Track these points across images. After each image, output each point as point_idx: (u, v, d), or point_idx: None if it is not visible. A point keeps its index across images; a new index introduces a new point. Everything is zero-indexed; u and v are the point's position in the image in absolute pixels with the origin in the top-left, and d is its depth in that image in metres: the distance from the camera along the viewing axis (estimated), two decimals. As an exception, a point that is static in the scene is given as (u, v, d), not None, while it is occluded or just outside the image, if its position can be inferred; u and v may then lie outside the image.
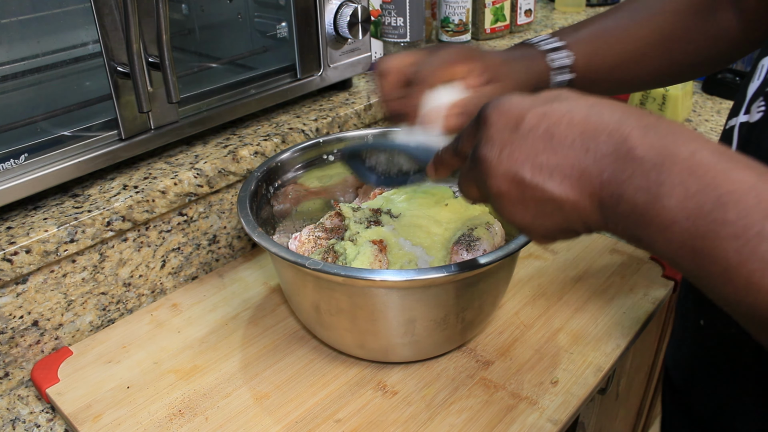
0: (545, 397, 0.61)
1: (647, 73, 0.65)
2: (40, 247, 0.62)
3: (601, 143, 0.35)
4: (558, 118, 0.37)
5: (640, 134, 0.34)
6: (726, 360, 0.51)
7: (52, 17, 0.69)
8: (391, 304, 0.58)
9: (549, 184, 0.37)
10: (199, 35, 0.87)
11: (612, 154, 0.35)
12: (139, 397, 0.62)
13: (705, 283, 0.33)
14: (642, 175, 0.34)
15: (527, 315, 0.71)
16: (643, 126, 0.35)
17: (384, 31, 1.11)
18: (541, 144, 0.37)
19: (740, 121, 0.48)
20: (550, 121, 0.37)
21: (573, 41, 0.62)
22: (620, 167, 0.35)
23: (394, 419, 0.59)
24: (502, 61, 0.59)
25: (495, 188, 0.40)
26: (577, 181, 0.36)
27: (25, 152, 0.63)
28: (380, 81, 0.59)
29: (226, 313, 0.73)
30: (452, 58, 0.56)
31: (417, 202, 0.71)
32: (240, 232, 0.83)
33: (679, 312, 0.60)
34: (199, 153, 0.78)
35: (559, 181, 0.37)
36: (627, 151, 0.34)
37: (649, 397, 1.04)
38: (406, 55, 0.58)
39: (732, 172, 0.32)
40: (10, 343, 0.64)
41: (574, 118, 0.37)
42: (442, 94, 0.55)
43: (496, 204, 0.41)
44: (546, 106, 0.38)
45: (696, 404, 0.56)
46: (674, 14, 0.63)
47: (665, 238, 0.33)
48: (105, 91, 0.67)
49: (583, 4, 1.47)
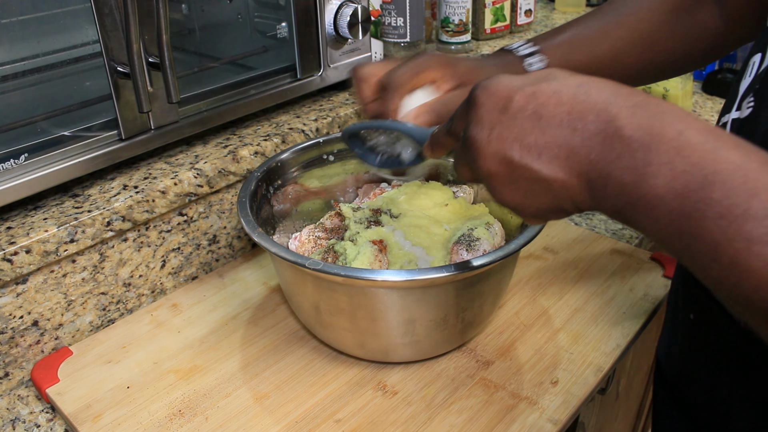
0: (545, 397, 0.61)
1: (626, 71, 0.65)
2: (40, 247, 0.62)
3: (588, 123, 0.36)
4: (546, 98, 0.37)
5: (628, 114, 0.34)
6: (716, 353, 0.52)
7: (52, 17, 0.69)
8: (391, 304, 0.58)
9: (537, 165, 0.38)
10: (199, 35, 0.87)
11: (599, 134, 0.35)
12: (139, 397, 0.62)
13: (692, 262, 0.33)
14: (629, 155, 0.34)
15: (527, 315, 0.71)
16: (631, 105, 0.35)
17: (384, 31, 1.11)
18: (530, 124, 0.38)
19: (732, 117, 0.49)
20: (539, 101, 0.37)
21: (548, 46, 0.64)
22: (608, 147, 0.35)
23: (394, 419, 0.59)
24: (473, 68, 0.61)
25: (485, 169, 0.40)
26: (565, 161, 0.37)
27: (25, 152, 0.63)
28: (358, 86, 0.62)
29: (226, 313, 0.73)
30: (424, 65, 0.59)
31: (417, 202, 0.71)
32: (240, 232, 0.83)
33: (670, 306, 0.61)
34: (199, 153, 0.78)
35: (548, 161, 0.37)
36: (614, 131, 0.35)
37: (649, 397, 1.04)
38: (382, 63, 0.62)
39: (719, 152, 0.32)
40: (10, 343, 0.64)
41: (562, 97, 0.37)
42: (415, 98, 0.59)
43: (487, 184, 0.41)
44: (535, 86, 0.38)
45: (688, 397, 0.57)
46: (653, 12, 0.64)
47: (652, 218, 0.34)
48: (105, 91, 0.67)
49: (583, 4, 1.47)
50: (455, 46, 1.19)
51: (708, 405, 0.54)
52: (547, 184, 0.38)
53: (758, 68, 0.47)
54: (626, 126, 0.34)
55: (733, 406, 0.51)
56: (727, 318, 0.48)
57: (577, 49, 0.64)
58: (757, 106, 0.45)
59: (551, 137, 0.37)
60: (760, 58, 0.47)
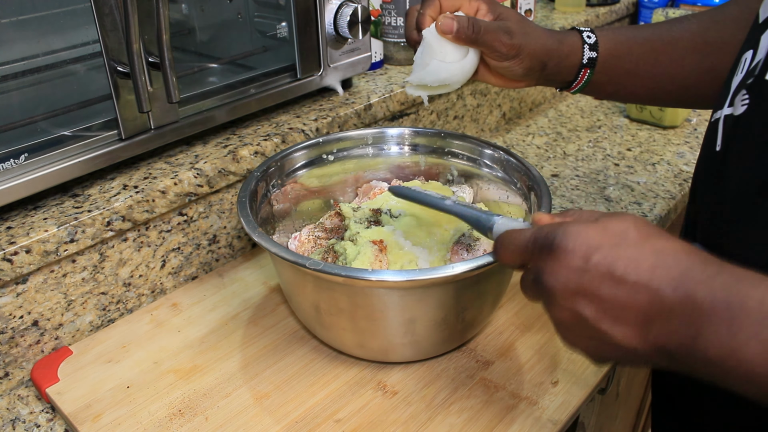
0: (545, 397, 0.61)
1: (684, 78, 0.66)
2: (40, 247, 0.62)
3: (666, 296, 0.36)
4: (625, 264, 0.38)
5: (706, 288, 0.35)
6: None
7: (52, 17, 0.69)
8: (391, 304, 0.58)
9: (613, 329, 0.38)
10: (199, 35, 0.87)
11: (678, 307, 0.35)
12: (139, 397, 0.62)
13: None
14: (712, 330, 0.34)
15: (527, 315, 0.71)
16: (707, 277, 0.35)
17: (384, 31, 1.11)
18: (608, 288, 0.38)
19: (724, 113, 0.49)
20: (618, 266, 0.38)
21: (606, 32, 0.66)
22: (687, 321, 0.35)
23: (394, 419, 0.59)
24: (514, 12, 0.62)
25: (557, 318, 0.41)
26: (640, 330, 0.37)
27: (25, 152, 0.63)
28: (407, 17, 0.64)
29: (226, 312, 0.73)
30: None
31: (417, 202, 0.71)
32: (240, 232, 0.83)
33: None
34: (199, 153, 0.78)
35: (622, 326, 0.38)
36: (694, 305, 0.35)
37: (649, 397, 1.04)
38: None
39: None
40: (10, 343, 0.64)
41: (641, 265, 0.37)
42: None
43: (555, 326, 0.42)
44: (614, 250, 0.38)
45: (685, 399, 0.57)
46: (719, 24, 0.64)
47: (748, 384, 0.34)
48: (105, 91, 0.67)
49: (583, 4, 1.47)
50: (455, 46, 1.19)
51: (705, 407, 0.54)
52: (619, 346, 0.39)
53: (750, 64, 0.47)
54: (705, 300, 0.35)
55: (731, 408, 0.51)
56: None
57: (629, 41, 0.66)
58: (753, 102, 0.45)
59: (629, 304, 0.37)
60: (752, 55, 0.47)
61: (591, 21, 1.44)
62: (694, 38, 0.65)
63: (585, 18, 1.42)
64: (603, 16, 1.48)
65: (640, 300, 0.37)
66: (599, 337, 0.39)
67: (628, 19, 1.63)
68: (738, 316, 0.33)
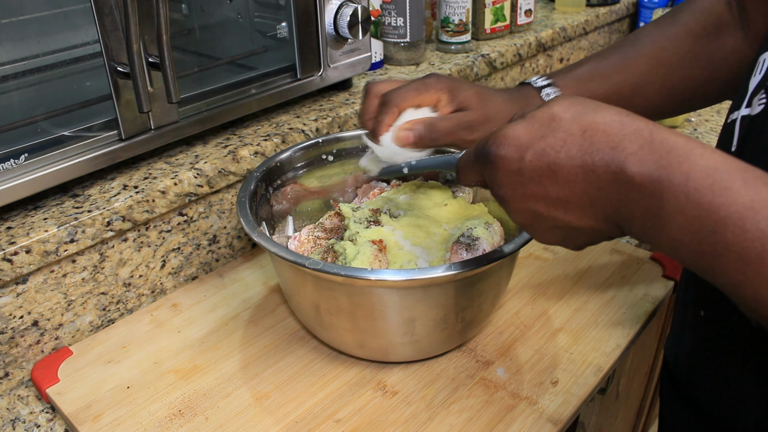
0: (545, 397, 0.61)
1: (648, 102, 0.65)
2: (40, 247, 0.62)
3: (601, 174, 0.37)
4: (555, 153, 0.39)
5: (636, 160, 0.36)
6: (727, 350, 0.52)
7: (52, 17, 0.69)
8: (390, 303, 0.58)
9: (566, 216, 0.40)
10: (199, 35, 0.87)
11: (613, 183, 0.37)
12: (139, 397, 0.62)
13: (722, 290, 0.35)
14: (644, 202, 0.36)
15: (527, 315, 0.71)
16: (637, 148, 0.36)
17: (384, 31, 1.11)
18: (548, 181, 0.39)
19: (741, 114, 0.49)
20: (549, 158, 0.39)
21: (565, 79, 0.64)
22: (624, 194, 0.37)
23: (394, 419, 0.59)
24: (476, 93, 0.62)
25: (519, 221, 0.44)
26: (589, 209, 0.39)
27: (25, 152, 0.63)
28: (365, 101, 0.64)
29: (226, 313, 0.73)
30: (427, 86, 0.61)
31: (416, 202, 0.71)
32: (240, 232, 0.83)
33: (680, 303, 0.61)
34: (199, 153, 0.78)
35: (574, 211, 0.40)
36: (626, 180, 0.36)
37: (649, 397, 1.04)
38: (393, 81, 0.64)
39: (728, 193, 0.33)
40: (10, 343, 0.64)
41: (571, 151, 0.38)
42: (406, 115, 0.62)
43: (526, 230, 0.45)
44: (542, 142, 0.40)
45: (697, 395, 0.57)
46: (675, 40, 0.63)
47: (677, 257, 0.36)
48: (105, 91, 0.67)
49: (583, 4, 1.47)
50: (455, 46, 1.19)
51: (716, 401, 0.54)
52: (580, 230, 0.41)
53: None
54: (635, 174, 0.36)
55: (742, 401, 0.51)
56: (739, 314, 0.48)
57: (596, 81, 0.64)
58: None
59: (571, 190, 0.39)
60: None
61: (591, 21, 1.44)
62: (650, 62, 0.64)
63: (585, 18, 1.42)
64: (603, 16, 1.48)
65: (577, 183, 0.38)
66: (561, 226, 0.41)
67: (628, 19, 1.63)
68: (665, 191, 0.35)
